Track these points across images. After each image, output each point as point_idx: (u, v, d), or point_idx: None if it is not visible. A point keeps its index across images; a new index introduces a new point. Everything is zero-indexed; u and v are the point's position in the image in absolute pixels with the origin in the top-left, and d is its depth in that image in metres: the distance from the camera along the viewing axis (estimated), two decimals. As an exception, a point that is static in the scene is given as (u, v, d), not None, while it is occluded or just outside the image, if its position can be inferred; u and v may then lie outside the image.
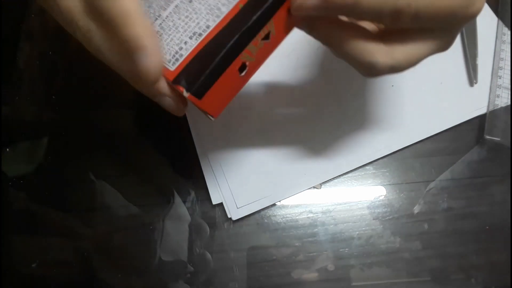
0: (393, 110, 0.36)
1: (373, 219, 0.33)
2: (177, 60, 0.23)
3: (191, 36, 0.23)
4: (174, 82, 0.22)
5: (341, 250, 0.33)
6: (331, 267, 0.32)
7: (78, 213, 0.34)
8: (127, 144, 0.36)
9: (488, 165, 0.35)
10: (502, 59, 0.37)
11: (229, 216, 0.33)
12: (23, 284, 0.32)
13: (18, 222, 0.34)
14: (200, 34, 0.23)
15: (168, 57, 0.23)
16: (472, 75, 0.37)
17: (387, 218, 0.33)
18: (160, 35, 0.24)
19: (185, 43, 0.23)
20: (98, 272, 0.32)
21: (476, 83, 0.37)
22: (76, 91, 0.38)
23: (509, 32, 0.38)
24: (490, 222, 0.33)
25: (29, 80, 0.39)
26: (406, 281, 0.32)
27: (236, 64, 0.23)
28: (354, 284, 0.32)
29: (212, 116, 0.25)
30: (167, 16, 0.25)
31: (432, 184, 0.34)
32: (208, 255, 0.32)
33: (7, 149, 0.36)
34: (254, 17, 0.22)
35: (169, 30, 0.24)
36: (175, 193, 0.34)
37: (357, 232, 0.33)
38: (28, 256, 0.33)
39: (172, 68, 0.23)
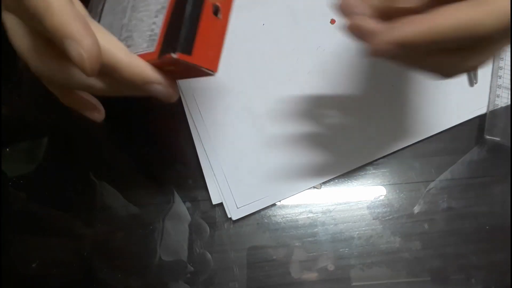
0: (393, 110, 0.36)
1: (373, 219, 0.33)
2: (153, 40, 0.23)
3: (156, 15, 0.23)
4: (161, 55, 0.22)
5: (341, 250, 0.33)
6: (331, 267, 0.32)
7: (78, 213, 0.34)
8: (127, 144, 0.36)
9: (488, 165, 0.35)
10: (502, 59, 0.37)
11: (229, 216, 0.33)
12: (23, 284, 0.32)
13: (18, 222, 0.34)
14: (162, 7, 0.23)
15: (144, 45, 0.23)
16: (472, 75, 0.37)
17: (387, 218, 0.33)
18: (131, 37, 0.24)
19: (154, 23, 0.23)
20: (98, 272, 0.32)
21: (476, 83, 0.37)
22: (76, 91, 0.38)
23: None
24: (490, 222, 0.33)
25: (29, 80, 0.39)
26: (406, 281, 0.32)
27: (208, 9, 0.23)
28: (354, 284, 0.32)
29: (212, 71, 0.24)
30: (129, 19, 0.25)
31: (432, 184, 0.34)
32: (208, 255, 0.32)
33: (7, 149, 0.36)
34: None
35: (136, 27, 0.24)
36: (175, 193, 0.34)
37: (357, 232, 0.33)
38: (28, 256, 0.33)
39: (152, 49, 0.23)
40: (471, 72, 0.37)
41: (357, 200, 0.34)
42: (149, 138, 0.36)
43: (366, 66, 0.38)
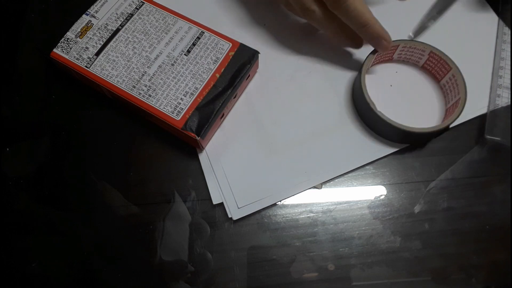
0: (393, 109, 0.36)
1: (373, 219, 0.33)
2: (179, 112, 0.32)
3: (184, 94, 0.33)
4: (184, 128, 0.32)
5: (341, 249, 0.33)
6: (331, 266, 0.32)
7: (78, 213, 0.34)
8: (127, 144, 0.36)
9: (488, 165, 0.35)
10: (502, 58, 0.37)
11: (229, 216, 0.33)
12: (23, 284, 0.32)
13: (18, 222, 0.34)
14: (191, 94, 0.33)
15: (170, 109, 0.33)
16: (416, 29, 0.38)
17: (387, 217, 0.33)
18: (154, 90, 0.33)
19: (181, 99, 0.33)
20: (98, 272, 0.32)
21: (413, 36, 0.38)
22: (76, 90, 0.38)
23: (509, 32, 0.38)
24: (490, 222, 0.33)
25: (29, 80, 0.39)
26: (406, 280, 0.32)
27: (220, 115, 0.34)
28: (354, 283, 0.32)
29: (203, 147, 0.35)
30: (154, 74, 0.34)
31: (432, 184, 0.34)
32: (209, 255, 0.32)
33: (7, 149, 0.36)
34: (230, 90, 0.33)
35: (162, 87, 0.33)
36: (175, 193, 0.34)
37: (357, 232, 0.33)
38: (28, 256, 0.33)
39: (177, 118, 0.32)
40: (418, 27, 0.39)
41: (357, 200, 0.34)
42: (149, 137, 0.36)
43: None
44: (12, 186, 0.35)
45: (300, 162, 0.34)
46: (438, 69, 0.36)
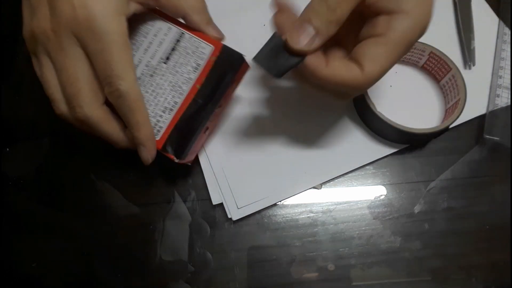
0: (393, 110, 0.36)
1: (373, 219, 0.33)
2: (158, 131, 0.30)
3: (163, 110, 0.30)
4: (162, 150, 0.30)
5: (341, 249, 0.33)
6: (331, 267, 0.32)
7: (78, 213, 0.34)
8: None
9: (488, 164, 0.35)
10: (502, 58, 0.37)
11: (229, 217, 0.33)
12: (23, 284, 0.32)
13: (18, 222, 0.34)
14: (171, 109, 0.30)
15: None
16: (467, 59, 0.37)
17: (387, 217, 0.33)
18: None
19: (161, 116, 0.30)
20: (98, 272, 0.32)
21: (473, 65, 0.37)
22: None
23: (509, 32, 0.38)
24: (490, 222, 0.33)
25: (29, 80, 0.39)
26: (406, 280, 0.32)
27: (203, 130, 0.30)
28: (354, 284, 0.32)
29: (189, 163, 0.32)
30: None
31: (432, 184, 0.34)
32: (209, 255, 0.32)
33: (7, 149, 0.36)
34: (211, 103, 0.30)
35: None
36: (175, 193, 0.34)
37: (357, 232, 0.33)
38: (28, 256, 0.33)
39: (157, 137, 0.30)
40: (467, 54, 0.37)
41: (357, 200, 0.34)
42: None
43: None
44: (12, 186, 0.35)
45: (300, 162, 0.34)
46: (438, 69, 0.36)
